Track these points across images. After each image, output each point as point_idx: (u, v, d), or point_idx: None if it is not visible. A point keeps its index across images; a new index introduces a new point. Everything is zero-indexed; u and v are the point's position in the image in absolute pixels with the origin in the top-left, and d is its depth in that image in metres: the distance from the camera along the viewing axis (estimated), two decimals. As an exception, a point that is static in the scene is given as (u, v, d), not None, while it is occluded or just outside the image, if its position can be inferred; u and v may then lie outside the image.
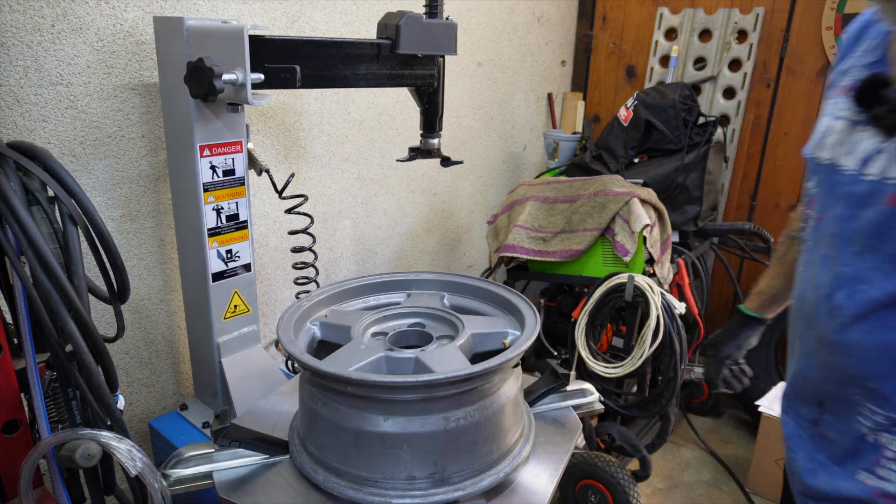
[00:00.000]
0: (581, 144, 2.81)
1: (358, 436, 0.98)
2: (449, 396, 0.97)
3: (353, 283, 1.35)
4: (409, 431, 0.96)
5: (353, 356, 1.06)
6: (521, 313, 1.19)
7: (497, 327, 1.18)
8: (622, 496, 1.94)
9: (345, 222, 2.18)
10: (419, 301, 1.31)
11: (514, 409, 1.08)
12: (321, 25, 1.90)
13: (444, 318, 1.24)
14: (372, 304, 1.36)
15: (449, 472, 0.99)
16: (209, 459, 1.08)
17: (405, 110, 2.29)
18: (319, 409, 1.03)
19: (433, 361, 1.03)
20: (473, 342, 1.14)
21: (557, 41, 3.16)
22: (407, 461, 0.97)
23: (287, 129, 1.87)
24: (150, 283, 1.61)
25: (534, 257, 2.22)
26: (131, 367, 1.62)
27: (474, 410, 1.00)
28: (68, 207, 1.00)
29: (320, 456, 1.04)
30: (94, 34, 1.37)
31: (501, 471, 1.04)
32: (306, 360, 1.00)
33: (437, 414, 0.97)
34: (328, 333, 1.22)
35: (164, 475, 1.05)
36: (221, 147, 1.35)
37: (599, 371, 2.04)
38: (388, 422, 0.97)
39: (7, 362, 1.03)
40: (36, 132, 1.33)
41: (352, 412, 0.99)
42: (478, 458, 1.01)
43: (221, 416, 1.07)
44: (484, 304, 1.32)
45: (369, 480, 0.99)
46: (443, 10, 1.41)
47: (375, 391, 0.96)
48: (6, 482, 1.08)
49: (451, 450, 0.98)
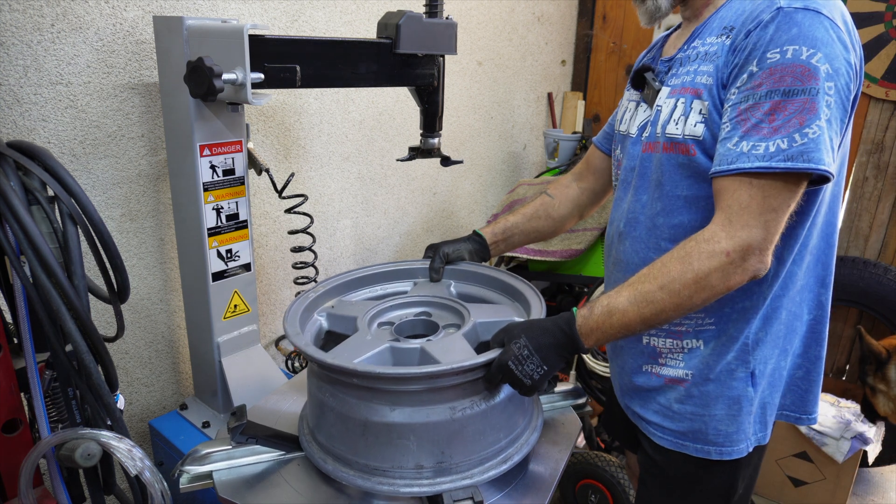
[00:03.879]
0: (581, 144, 2.81)
1: (366, 426, 0.99)
2: (454, 386, 0.98)
3: (361, 273, 1.35)
4: (416, 421, 0.97)
5: (358, 347, 1.07)
6: (527, 300, 1.19)
7: (503, 315, 1.18)
8: (622, 496, 1.94)
9: (345, 222, 2.18)
10: (426, 290, 1.31)
11: (520, 397, 1.08)
12: (321, 25, 1.89)
13: (450, 306, 1.24)
14: (379, 293, 1.37)
15: (456, 461, 1.00)
16: (227, 456, 1.08)
17: (405, 110, 2.28)
18: (327, 400, 1.03)
19: (438, 351, 1.04)
20: (479, 331, 1.15)
21: (557, 41, 3.16)
22: (414, 450, 0.98)
23: (287, 128, 1.87)
24: (150, 282, 1.61)
25: (534, 257, 2.22)
26: (131, 366, 1.62)
27: (480, 399, 1.00)
28: (68, 207, 1.00)
29: (329, 446, 1.05)
30: (93, 34, 1.37)
31: (510, 459, 1.04)
32: (312, 352, 1.00)
33: (444, 404, 0.98)
34: (335, 324, 1.23)
35: (182, 472, 1.06)
36: (221, 146, 1.35)
37: (599, 370, 2.04)
38: (394, 412, 0.97)
39: (7, 362, 1.03)
40: (36, 132, 1.33)
41: (359, 403, 0.99)
42: (485, 447, 1.02)
43: (238, 414, 1.08)
44: (491, 292, 1.32)
45: (377, 470, 1.00)
46: (443, 9, 1.41)
47: (381, 382, 0.96)
48: (6, 482, 1.08)
49: (458, 439, 0.99)
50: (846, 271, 2.50)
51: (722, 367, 1.09)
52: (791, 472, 2.29)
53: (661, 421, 1.15)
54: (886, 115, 2.55)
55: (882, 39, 2.47)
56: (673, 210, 1.06)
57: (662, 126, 1.05)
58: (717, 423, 1.10)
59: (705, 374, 1.10)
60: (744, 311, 1.07)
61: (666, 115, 1.05)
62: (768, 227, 0.91)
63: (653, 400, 1.17)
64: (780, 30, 0.89)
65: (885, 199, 2.60)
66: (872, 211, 2.63)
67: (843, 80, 0.91)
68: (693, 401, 1.11)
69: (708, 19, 1.06)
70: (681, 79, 1.05)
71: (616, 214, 1.20)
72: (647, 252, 1.11)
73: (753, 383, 1.09)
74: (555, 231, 1.48)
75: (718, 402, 1.10)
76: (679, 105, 1.02)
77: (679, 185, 1.04)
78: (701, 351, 1.10)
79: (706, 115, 0.99)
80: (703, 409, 1.10)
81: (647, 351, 1.16)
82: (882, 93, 2.51)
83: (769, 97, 0.90)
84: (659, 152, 1.06)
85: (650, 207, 1.10)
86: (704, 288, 0.92)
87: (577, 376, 2.13)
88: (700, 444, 1.12)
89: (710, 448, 1.11)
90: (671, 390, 1.14)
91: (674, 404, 1.13)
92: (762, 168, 0.89)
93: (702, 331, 1.10)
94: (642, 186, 1.11)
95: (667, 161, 1.05)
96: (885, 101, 2.53)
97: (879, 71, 2.51)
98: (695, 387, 1.11)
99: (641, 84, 1.16)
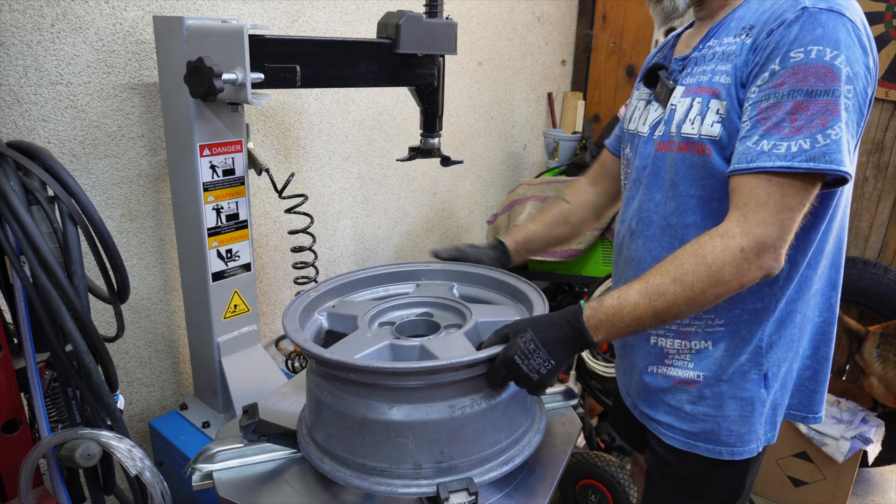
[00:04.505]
0: (581, 144, 2.80)
1: (363, 424, 0.98)
2: (454, 383, 0.96)
3: (363, 274, 1.35)
4: (415, 419, 0.96)
5: (358, 344, 1.06)
6: (530, 301, 1.18)
7: (506, 315, 1.18)
8: (622, 496, 1.94)
9: (345, 222, 2.18)
10: (428, 291, 1.31)
11: (522, 397, 1.07)
12: (321, 25, 1.89)
13: (452, 307, 1.23)
14: (381, 294, 1.36)
15: (456, 461, 0.98)
16: (239, 454, 1.08)
17: (405, 110, 2.28)
18: (325, 398, 1.03)
19: (439, 349, 1.03)
20: (481, 330, 1.14)
21: (557, 41, 3.16)
22: (413, 449, 0.97)
23: (287, 128, 1.87)
24: (150, 282, 1.61)
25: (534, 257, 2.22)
26: (131, 366, 1.62)
27: (481, 398, 0.99)
28: (68, 207, 1.00)
29: (327, 445, 1.04)
30: (93, 34, 1.37)
31: (511, 460, 1.03)
32: (310, 347, 0.99)
33: (443, 401, 0.96)
34: (335, 323, 1.22)
35: (195, 469, 1.05)
36: (221, 146, 1.35)
37: (600, 370, 2.04)
38: (393, 409, 0.96)
39: (7, 362, 1.03)
40: (36, 132, 1.33)
41: (357, 400, 0.98)
42: (485, 447, 1.01)
43: (250, 412, 1.08)
44: (493, 293, 1.32)
45: (375, 469, 0.99)
46: (443, 9, 1.41)
47: (379, 378, 0.95)
48: (6, 482, 1.08)
49: (458, 438, 0.98)
50: (846, 271, 2.50)
51: (735, 368, 1.09)
52: (791, 472, 2.29)
53: (673, 421, 1.15)
54: (886, 115, 2.55)
55: (882, 39, 2.47)
56: (686, 209, 1.06)
57: (678, 125, 1.04)
58: (730, 423, 1.10)
59: (718, 375, 1.10)
60: (756, 313, 1.06)
61: (681, 114, 1.04)
62: (784, 226, 0.91)
63: (662, 401, 1.17)
64: (804, 29, 0.89)
65: (885, 199, 2.60)
66: (872, 211, 2.63)
67: (861, 84, 0.91)
68: (706, 402, 1.11)
69: (724, 19, 1.05)
70: (696, 78, 1.04)
71: (627, 213, 1.20)
72: (660, 251, 1.11)
73: (766, 385, 1.09)
74: (573, 236, 1.48)
75: (731, 403, 1.10)
76: (695, 104, 1.02)
77: (693, 185, 1.04)
78: (711, 352, 1.10)
79: (724, 114, 0.98)
80: (716, 411, 1.10)
81: (655, 351, 1.16)
82: (882, 93, 2.51)
83: (791, 96, 0.89)
84: (674, 152, 1.06)
85: (664, 206, 1.10)
86: (718, 282, 0.92)
87: (577, 376, 2.13)
88: (712, 444, 1.12)
89: (722, 448, 1.12)
90: (681, 391, 1.14)
91: (685, 405, 1.13)
92: (784, 168, 0.89)
93: (711, 332, 1.09)
94: (655, 185, 1.11)
95: (681, 161, 1.05)
96: (885, 101, 2.53)
97: (880, 71, 2.51)
98: (707, 388, 1.11)
99: (654, 82, 1.14)
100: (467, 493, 0.95)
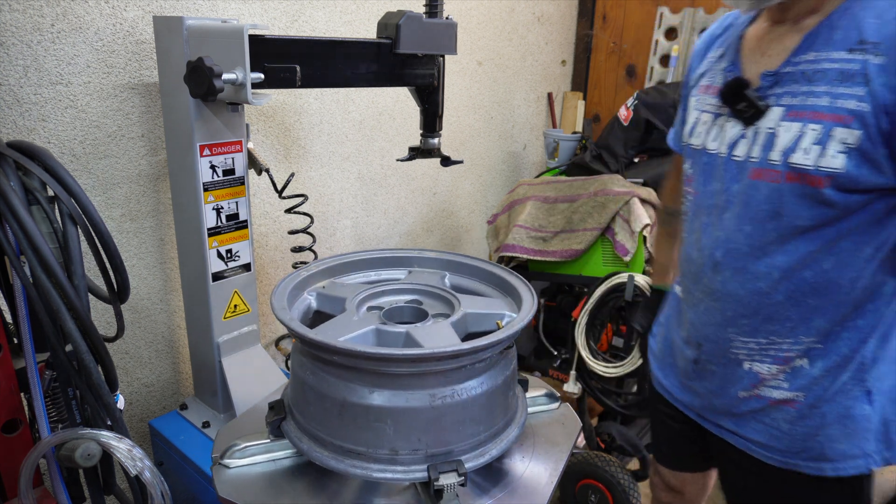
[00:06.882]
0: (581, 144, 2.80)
1: (343, 406, 0.97)
2: (437, 373, 0.96)
3: (355, 257, 1.34)
4: (395, 405, 0.95)
5: (344, 327, 1.06)
6: (520, 296, 1.18)
7: (493, 308, 1.17)
8: (622, 496, 1.94)
9: (345, 222, 2.18)
10: (419, 279, 1.30)
11: (504, 391, 1.07)
12: (321, 25, 1.89)
13: (441, 296, 1.23)
14: (373, 278, 1.35)
15: (433, 449, 0.98)
16: (266, 450, 1.09)
17: (405, 110, 2.28)
18: (307, 378, 1.02)
19: (424, 337, 1.02)
20: (468, 321, 1.13)
21: (557, 41, 3.16)
22: (390, 435, 0.96)
23: (287, 128, 1.87)
24: (150, 282, 1.61)
25: (534, 257, 2.22)
26: (131, 367, 1.62)
27: (462, 389, 0.99)
28: (68, 207, 1.00)
29: (306, 425, 1.04)
30: (93, 34, 1.37)
31: (487, 453, 1.02)
32: (295, 326, 0.99)
33: (424, 390, 0.96)
34: (324, 304, 1.21)
35: (223, 465, 1.05)
36: (221, 146, 1.35)
37: (600, 371, 2.04)
38: (374, 394, 0.96)
39: (7, 362, 1.03)
40: (36, 132, 1.33)
41: (338, 382, 0.98)
42: (463, 438, 1.00)
43: (276, 408, 1.07)
44: (484, 286, 1.31)
45: (352, 452, 0.98)
46: (443, 9, 1.41)
47: (361, 362, 0.95)
48: (6, 482, 1.08)
49: (436, 427, 0.97)
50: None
51: (837, 387, 1.04)
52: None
53: (769, 441, 1.10)
54: None
55: None
56: (787, 239, 0.99)
57: (783, 153, 0.95)
58: (833, 441, 1.05)
59: (818, 393, 1.05)
60: (858, 330, 1.02)
61: (788, 141, 0.94)
62: None
63: (754, 419, 1.11)
64: None
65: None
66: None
67: None
68: (805, 421, 1.06)
69: (818, 27, 0.94)
70: (802, 100, 0.94)
71: (706, 241, 1.11)
72: (754, 283, 1.04)
73: (870, 401, 1.04)
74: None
75: (833, 421, 1.05)
76: (808, 131, 0.92)
77: (800, 217, 0.96)
78: (807, 370, 1.05)
79: (855, 145, 0.88)
80: (818, 430, 1.05)
81: (749, 376, 1.10)
82: None
83: None
84: (780, 182, 0.96)
85: (758, 238, 1.02)
86: None
87: (577, 376, 2.13)
88: (813, 461, 1.06)
89: (826, 465, 1.06)
90: (777, 411, 1.08)
91: (782, 424, 1.08)
92: None
93: (810, 350, 1.04)
94: (745, 216, 1.02)
95: (789, 191, 0.96)
96: None
97: None
98: (807, 408, 1.06)
99: (738, 100, 1.02)
100: (456, 473, 0.95)
